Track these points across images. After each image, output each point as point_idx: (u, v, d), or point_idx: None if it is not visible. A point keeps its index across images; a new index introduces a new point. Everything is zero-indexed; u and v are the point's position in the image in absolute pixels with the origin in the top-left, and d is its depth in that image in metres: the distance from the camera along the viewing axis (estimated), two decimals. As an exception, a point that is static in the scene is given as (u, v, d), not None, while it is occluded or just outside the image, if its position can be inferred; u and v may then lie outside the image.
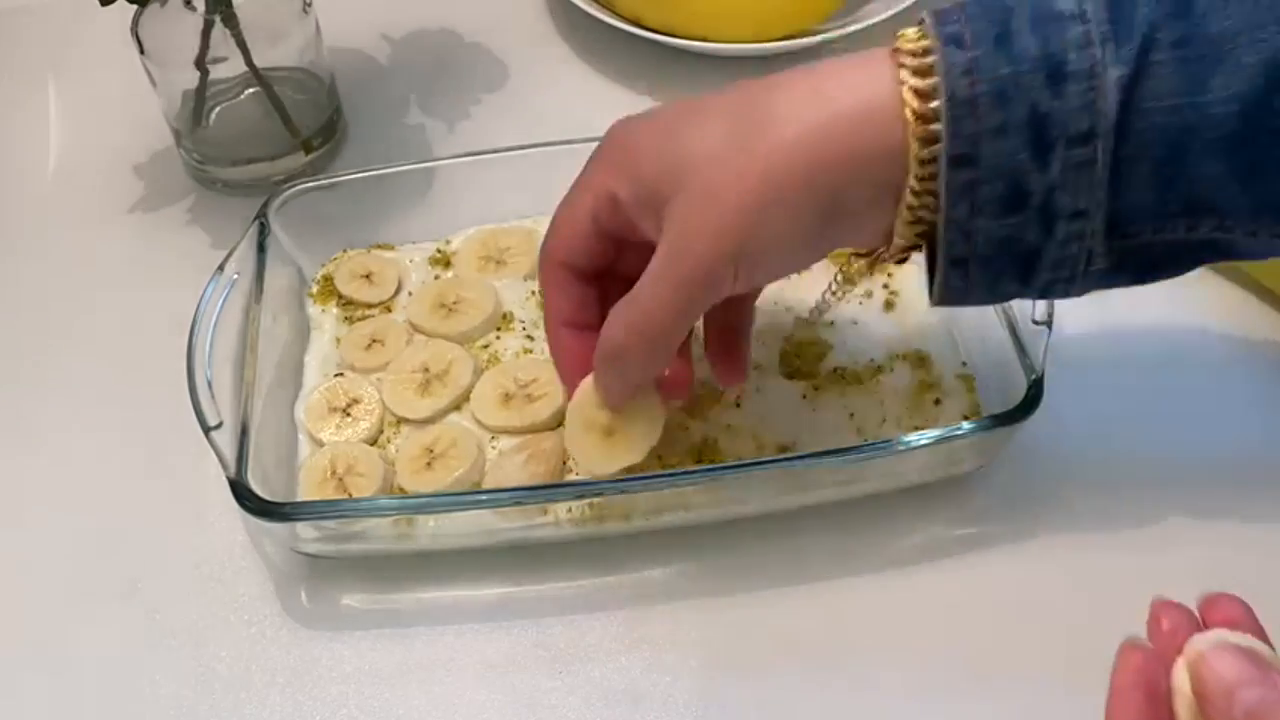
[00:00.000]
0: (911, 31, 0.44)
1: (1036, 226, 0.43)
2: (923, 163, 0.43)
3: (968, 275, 0.45)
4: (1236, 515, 0.56)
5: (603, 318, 0.49)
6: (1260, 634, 0.42)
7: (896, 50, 0.43)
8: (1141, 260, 0.45)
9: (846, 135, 0.43)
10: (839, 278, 0.51)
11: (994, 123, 0.42)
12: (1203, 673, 0.37)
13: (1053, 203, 0.43)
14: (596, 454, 0.52)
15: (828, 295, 0.53)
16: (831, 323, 0.61)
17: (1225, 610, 0.42)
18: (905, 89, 0.42)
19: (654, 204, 0.46)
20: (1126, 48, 0.41)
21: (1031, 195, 0.43)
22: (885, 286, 0.62)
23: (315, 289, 0.64)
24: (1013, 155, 0.42)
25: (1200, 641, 0.38)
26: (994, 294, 0.46)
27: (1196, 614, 0.42)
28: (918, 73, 0.42)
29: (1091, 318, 0.62)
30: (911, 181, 0.43)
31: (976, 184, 0.43)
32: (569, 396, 0.53)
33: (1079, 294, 0.46)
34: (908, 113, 0.42)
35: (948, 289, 0.45)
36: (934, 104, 0.42)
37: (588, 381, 0.52)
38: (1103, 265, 0.44)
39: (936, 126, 0.42)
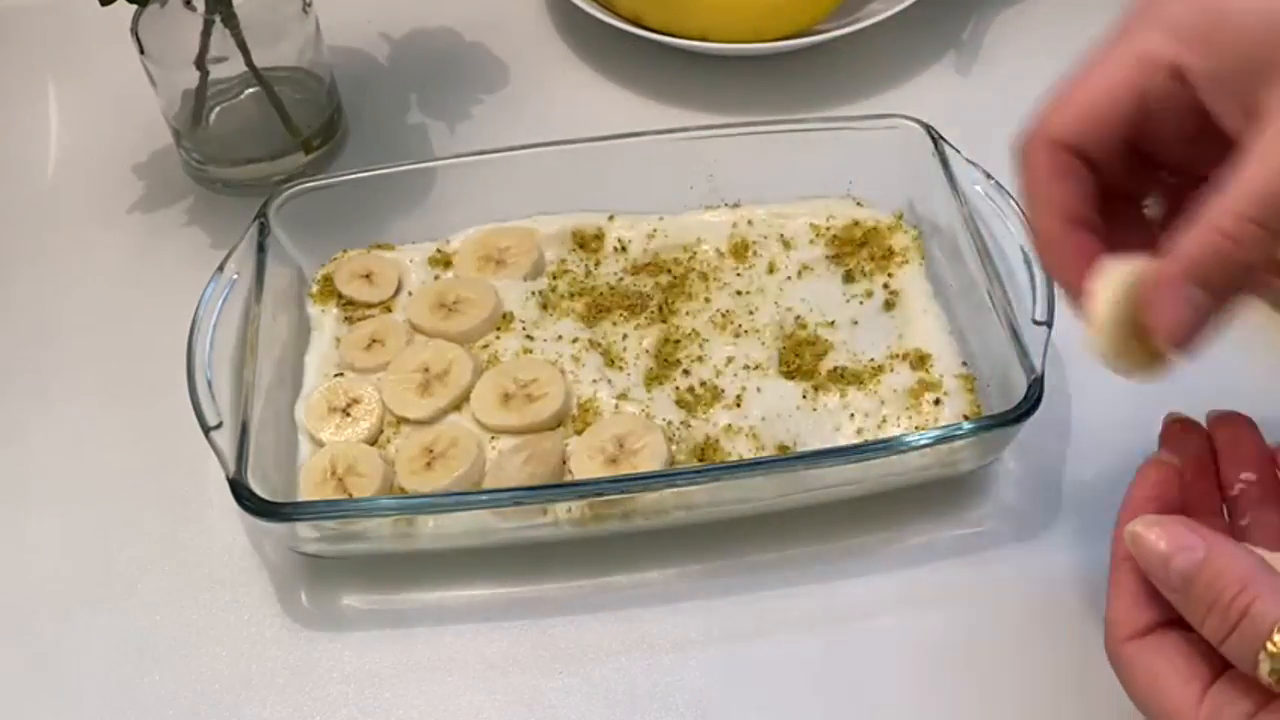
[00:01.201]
0: None
1: None
2: None
3: None
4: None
5: (1107, 212, 0.40)
6: (1260, 454, 0.45)
7: None
8: None
9: None
10: None
11: None
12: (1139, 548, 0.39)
13: None
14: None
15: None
16: (832, 323, 0.61)
17: (1233, 428, 0.45)
18: None
19: (1247, 85, 0.36)
20: None
21: None
22: (885, 286, 0.62)
23: (315, 289, 0.64)
24: None
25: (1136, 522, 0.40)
26: None
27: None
28: None
29: (1091, 318, 0.62)
30: None
31: None
32: (1079, 299, 0.42)
33: None
34: None
35: None
36: None
37: (1118, 275, 0.40)
38: None
39: None
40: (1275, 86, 0.35)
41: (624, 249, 0.65)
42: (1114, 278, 0.40)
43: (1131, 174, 0.40)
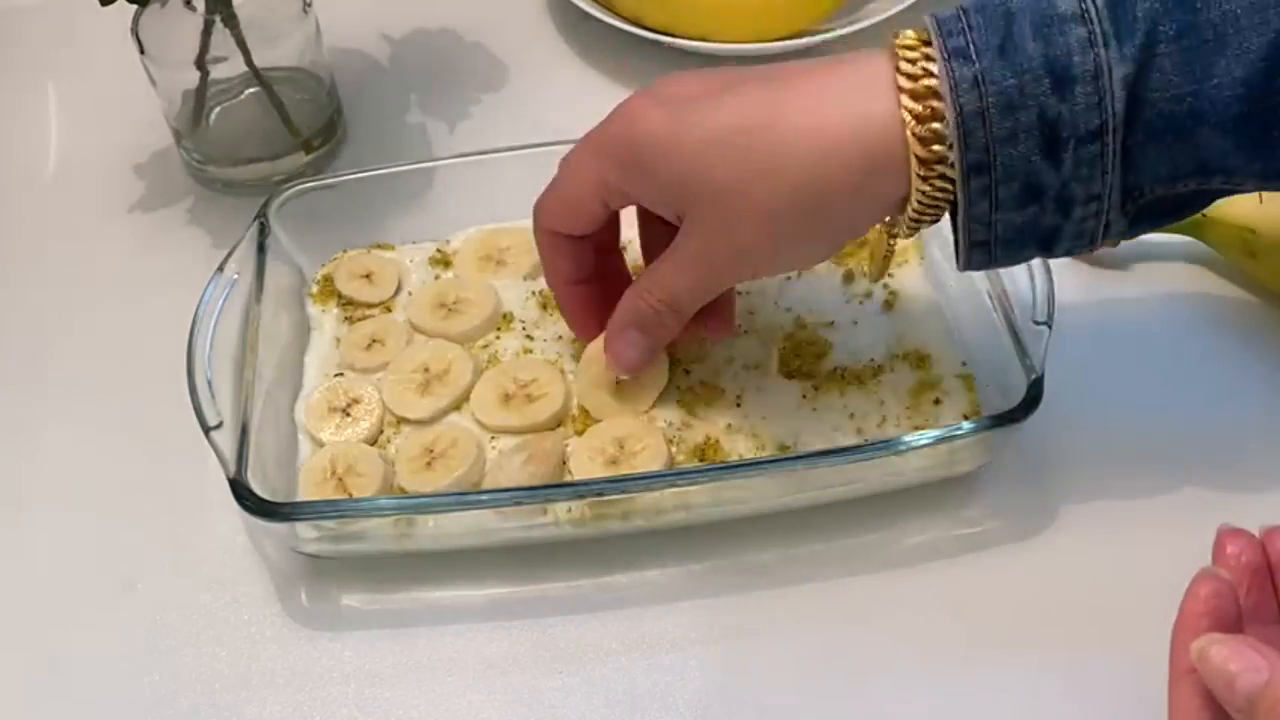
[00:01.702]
0: (909, 41, 0.45)
1: (1054, 212, 0.45)
2: (926, 178, 0.44)
3: (991, 253, 0.47)
4: (1237, 514, 0.56)
5: (598, 267, 0.55)
6: None
7: (896, 66, 0.44)
8: (1156, 211, 0.46)
9: (849, 171, 0.45)
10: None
11: (1004, 131, 0.43)
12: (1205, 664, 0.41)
13: (1068, 193, 0.44)
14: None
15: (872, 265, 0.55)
16: (831, 323, 0.61)
17: None
18: (905, 112, 0.44)
19: (671, 206, 0.50)
20: (1130, 44, 0.42)
21: (1047, 189, 0.44)
22: (885, 286, 0.62)
23: (315, 289, 0.64)
24: (1025, 158, 0.43)
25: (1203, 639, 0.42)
26: (1017, 261, 0.48)
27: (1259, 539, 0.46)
28: (915, 96, 0.44)
29: (1091, 318, 0.62)
30: (916, 195, 0.45)
31: (993, 186, 0.44)
32: (585, 342, 0.58)
33: (1097, 249, 0.47)
34: (908, 134, 0.44)
35: (972, 263, 0.47)
36: (935, 125, 0.43)
37: (596, 344, 0.56)
38: (1120, 226, 0.46)
39: (939, 148, 0.44)
40: (688, 219, 0.49)
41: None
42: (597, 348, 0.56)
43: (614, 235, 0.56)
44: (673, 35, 0.75)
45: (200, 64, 0.68)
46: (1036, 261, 0.55)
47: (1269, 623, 0.46)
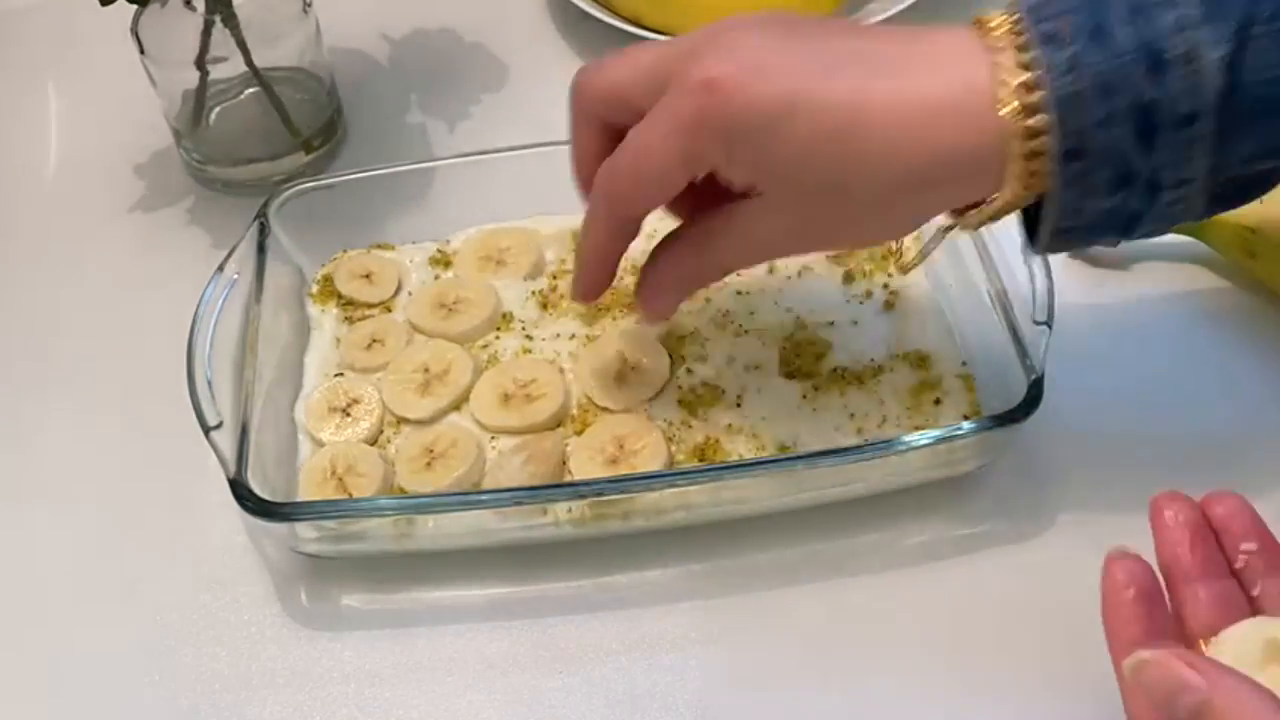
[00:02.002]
0: (999, 27, 0.44)
1: (1141, 197, 0.45)
2: (1024, 167, 0.44)
3: (1070, 239, 0.47)
4: (1237, 515, 0.56)
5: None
6: (1257, 525, 0.47)
7: (990, 52, 0.44)
8: (1229, 192, 0.46)
9: (952, 167, 0.45)
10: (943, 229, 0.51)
11: (1099, 115, 0.43)
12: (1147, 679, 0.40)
13: (1157, 178, 0.44)
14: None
15: (929, 244, 0.54)
16: (831, 323, 0.61)
17: (1226, 504, 0.47)
18: (1005, 106, 0.43)
19: (758, 184, 0.48)
20: (1224, 26, 0.42)
21: (1138, 175, 0.44)
22: (885, 286, 0.62)
23: (315, 289, 0.64)
24: (1119, 143, 0.43)
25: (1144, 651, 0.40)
26: (1092, 245, 0.49)
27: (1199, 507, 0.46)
28: (1014, 87, 0.43)
29: (1091, 318, 0.62)
30: (1011, 185, 0.45)
31: (1086, 172, 0.44)
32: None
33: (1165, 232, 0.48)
34: (1009, 123, 0.43)
35: (1050, 248, 0.48)
36: (1033, 117, 0.43)
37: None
38: (1198, 209, 0.46)
39: (1036, 141, 0.43)
40: (782, 192, 0.47)
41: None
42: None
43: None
44: (672, 35, 0.75)
45: (200, 64, 0.68)
46: (1037, 261, 0.55)
47: (1220, 577, 0.46)
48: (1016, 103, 0.43)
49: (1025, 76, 0.43)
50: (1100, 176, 0.44)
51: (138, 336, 0.65)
